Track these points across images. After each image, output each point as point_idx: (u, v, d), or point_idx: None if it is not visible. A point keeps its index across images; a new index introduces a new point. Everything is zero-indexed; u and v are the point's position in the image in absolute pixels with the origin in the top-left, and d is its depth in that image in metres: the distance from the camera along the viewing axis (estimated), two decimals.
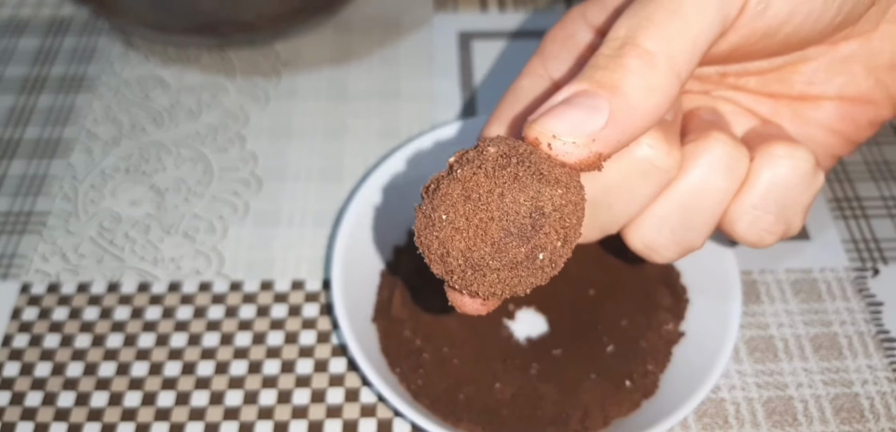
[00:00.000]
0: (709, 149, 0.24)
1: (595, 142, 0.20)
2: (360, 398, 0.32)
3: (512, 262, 0.20)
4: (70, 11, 0.50)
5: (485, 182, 0.20)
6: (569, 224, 0.21)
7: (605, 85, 0.21)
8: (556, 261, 0.21)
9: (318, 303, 0.35)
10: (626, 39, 0.21)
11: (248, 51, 0.47)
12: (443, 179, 0.21)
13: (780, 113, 0.27)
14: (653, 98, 0.21)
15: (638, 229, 0.25)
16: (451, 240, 0.20)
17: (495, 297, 0.21)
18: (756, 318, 0.35)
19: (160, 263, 0.36)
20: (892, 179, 0.40)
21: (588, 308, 0.34)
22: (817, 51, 0.25)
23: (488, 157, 0.21)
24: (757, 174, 0.25)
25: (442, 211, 0.21)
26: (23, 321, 0.34)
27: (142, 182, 0.40)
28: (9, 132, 0.43)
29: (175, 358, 0.33)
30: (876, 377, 0.33)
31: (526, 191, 0.20)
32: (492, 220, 0.20)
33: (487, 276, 0.21)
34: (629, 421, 0.30)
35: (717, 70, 0.27)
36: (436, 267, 0.21)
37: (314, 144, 0.42)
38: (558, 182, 0.20)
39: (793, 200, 0.25)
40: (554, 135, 0.20)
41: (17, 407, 0.32)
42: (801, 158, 0.24)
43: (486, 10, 0.50)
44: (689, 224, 0.25)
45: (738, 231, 0.25)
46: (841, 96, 0.26)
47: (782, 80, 0.26)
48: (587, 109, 0.20)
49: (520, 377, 0.31)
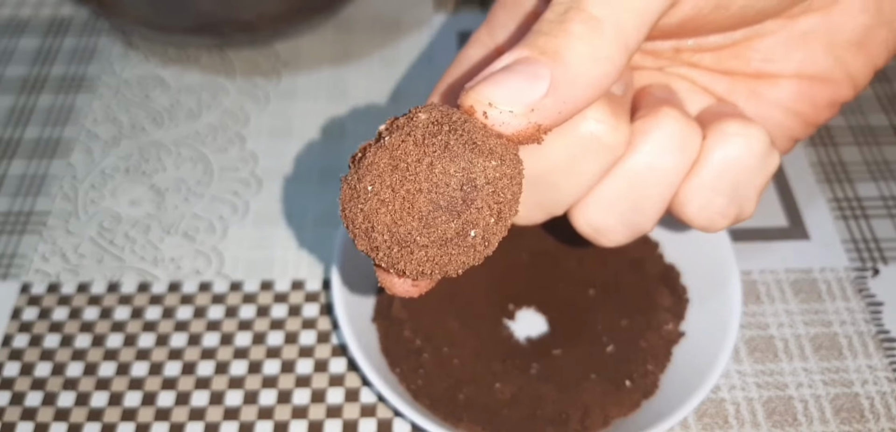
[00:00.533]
0: (658, 126, 0.23)
1: (534, 113, 0.19)
2: (360, 398, 0.32)
3: (441, 239, 0.19)
4: (70, 11, 0.50)
5: (413, 150, 0.19)
6: (503, 199, 0.19)
7: (547, 51, 0.19)
8: (489, 238, 0.20)
9: (318, 303, 0.35)
10: (571, 3, 0.20)
11: (248, 51, 0.47)
12: (370, 147, 0.20)
13: (737, 91, 0.26)
14: (597, 67, 0.20)
15: (585, 210, 0.24)
16: (375, 213, 0.19)
17: (425, 277, 0.20)
18: (756, 318, 0.35)
19: (160, 263, 0.36)
20: (892, 179, 0.40)
21: (588, 308, 0.34)
22: (775, 25, 0.24)
23: (418, 124, 0.19)
24: (709, 153, 0.24)
25: (368, 181, 0.19)
26: (23, 321, 0.34)
27: (142, 182, 0.40)
28: (9, 132, 0.43)
29: (175, 358, 0.33)
30: (876, 377, 0.33)
31: (456, 162, 0.18)
32: (419, 192, 0.19)
33: (415, 254, 0.19)
34: (629, 421, 0.30)
35: (671, 45, 0.26)
36: (361, 242, 0.20)
37: (314, 144, 0.42)
38: (492, 153, 0.19)
39: (746, 181, 0.24)
40: (490, 102, 0.19)
41: (17, 407, 0.32)
42: (754, 137, 0.23)
43: (486, 11, 0.50)
44: (637, 205, 0.24)
45: (689, 213, 0.24)
46: (799, 74, 0.25)
47: (738, 56, 0.25)
48: (527, 77, 0.19)
49: (520, 377, 0.31)
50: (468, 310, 0.34)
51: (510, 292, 0.34)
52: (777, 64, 0.25)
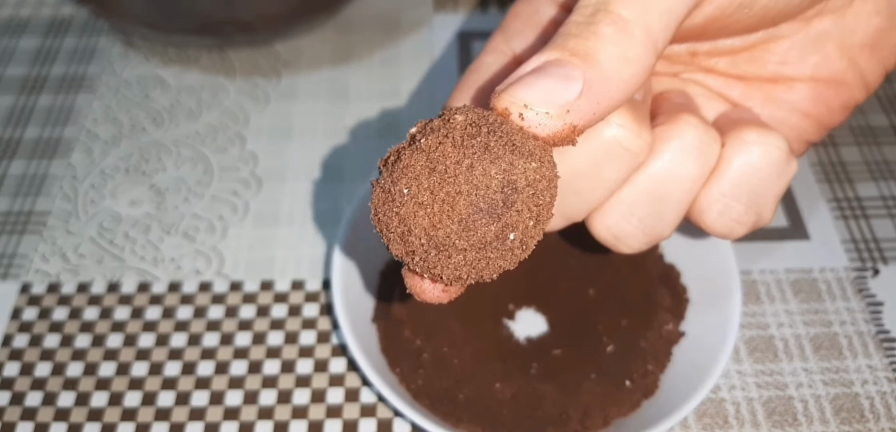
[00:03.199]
0: (679, 133, 0.23)
1: (569, 114, 0.19)
2: (360, 398, 0.32)
3: (480, 242, 0.19)
4: (70, 11, 0.50)
5: (452, 152, 0.18)
6: (542, 202, 0.19)
7: (579, 53, 0.19)
8: (527, 242, 0.19)
9: (318, 303, 0.35)
10: (599, 6, 0.20)
11: (248, 51, 0.47)
12: (404, 150, 0.19)
13: (752, 96, 0.26)
14: (629, 68, 0.20)
15: (604, 216, 0.24)
16: (413, 216, 0.19)
17: (459, 282, 0.19)
18: (756, 318, 0.35)
19: (160, 263, 0.36)
20: (892, 179, 0.40)
21: (588, 308, 0.34)
22: (790, 28, 0.25)
23: (456, 126, 0.19)
24: (728, 161, 0.24)
25: (403, 184, 0.19)
26: (23, 321, 0.34)
27: (142, 182, 0.40)
28: (9, 132, 0.43)
29: (175, 358, 0.33)
30: (876, 377, 0.33)
31: (497, 164, 0.18)
32: (459, 195, 0.18)
33: (453, 258, 0.19)
34: (629, 421, 0.30)
35: (688, 48, 0.26)
36: (395, 247, 0.19)
37: (314, 144, 0.42)
38: (532, 155, 0.19)
39: (764, 189, 0.24)
40: (525, 104, 0.19)
41: (17, 407, 0.32)
42: (773, 145, 0.23)
43: (486, 11, 0.50)
44: (657, 211, 0.24)
45: (707, 220, 0.24)
46: (814, 77, 0.25)
47: (754, 59, 0.25)
48: (560, 78, 0.19)
49: (520, 377, 0.31)
50: (468, 310, 0.34)
51: (510, 292, 0.34)
52: (792, 67, 0.25)
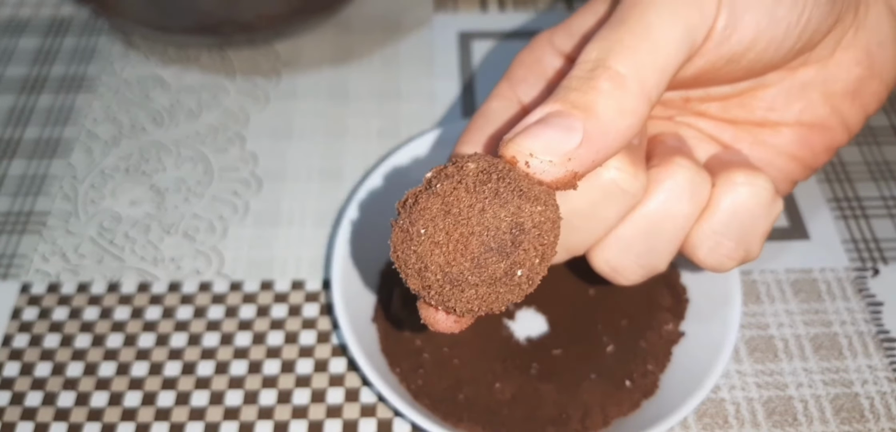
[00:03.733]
0: (672, 175, 0.25)
1: (571, 162, 0.21)
2: (360, 398, 0.32)
3: (491, 278, 0.20)
4: (70, 11, 0.50)
5: (465, 196, 0.20)
6: (546, 241, 0.21)
7: (579, 106, 0.21)
8: (532, 278, 0.21)
9: (318, 303, 0.35)
10: (598, 62, 0.22)
11: (248, 51, 0.47)
12: (421, 194, 0.21)
13: (741, 139, 0.28)
14: (625, 119, 0.21)
15: (603, 251, 0.26)
16: (429, 254, 0.20)
17: (471, 314, 0.21)
18: (756, 318, 0.35)
19: (160, 263, 0.36)
20: (892, 179, 0.40)
21: (588, 308, 0.34)
22: (777, 77, 0.26)
23: (469, 173, 0.21)
24: (718, 200, 0.25)
25: (421, 225, 0.20)
26: (23, 321, 0.34)
27: (142, 182, 0.40)
28: (9, 132, 0.43)
29: (175, 358, 0.33)
30: (876, 377, 0.33)
31: (506, 207, 0.20)
32: (472, 235, 0.20)
33: (465, 292, 0.21)
34: (629, 421, 0.30)
35: (681, 95, 0.27)
36: (412, 282, 0.21)
37: (314, 144, 0.42)
38: (537, 199, 0.20)
39: (752, 226, 0.26)
40: (531, 153, 0.21)
41: (17, 407, 0.32)
42: (760, 186, 0.25)
43: (486, 10, 0.50)
44: (652, 247, 0.26)
45: (700, 256, 0.26)
46: (799, 122, 0.27)
47: (743, 105, 0.27)
48: (562, 129, 0.21)
49: (520, 377, 0.31)
50: None
51: None
52: (779, 112, 0.27)
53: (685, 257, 0.27)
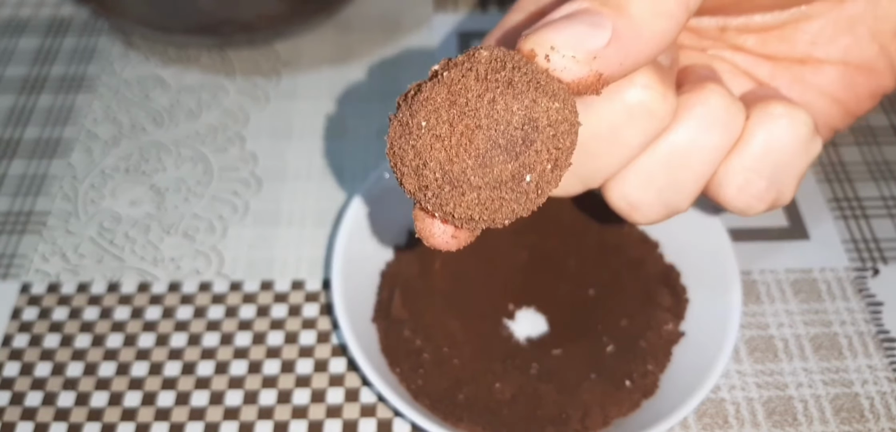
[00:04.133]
0: (704, 101, 0.23)
1: (596, 61, 0.19)
2: (360, 398, 0.32)
3: (496, 180, 0.18)
4: (70, 11, 0.50)
5: (475, 85, 0.18)
6: (561, 145, 0.19)
7: (610, 3, 0.19)
8: (542, 187, 0.19)
9: (318, 303, 0.35)
10: None
11: (248, 51, 0.47)
12: (425, 84, 0.19)
13: (779, 77, 0.26)
14: (659, 22, 0.19)
15: (621, 184, 0.24)
16: (429, 149, 0.18)
17: (471, 223, 0.19)
18: (756, 318, 0.35)
19: (160, 263, 0.36)
20: (892, 179, 0.40)
21: (588, 308, 0.34)
22: (822, 7, 0.24)
23: (480, 60, 0.18)
24: (752, 134, 0.23)
25: (422, 116, 0.18)
26: (23, 321, 0.34)
27: (142, 182, 0.40)
28: (9, 132, 0.43)
29: (175, 358, 0.33)
30: (876, 377, 0.33)
31: (520, 100, 0.18)
32: (479, 128, 0.18)
33: (466, 195, 0.19)
34: (629, 421, 0.30)
35: (718, 23, 0.25)
36: (408, 181, 0.19)
37: (314, 144, 0.42)
38: (555, 95, 0.18)
39: (787, 165, 0.24)
40: (552, 46, 0.19)
41: (17, 407, 0.32)
42: (799, 120, 0.23)
43: (486, 11, 0.50)
44: (676, 181, 0.23)
45: (727, 195, 0.24)
46: (844, 61, 0.25)
47: (784, 38, 0.25)
48: (589, 25, 0.19)
49: (520, 377, 0.31)
50: (468, 310, 0.34)
51: (510, 292, 0.34)
52: (823, 49, 0.25)
53: (709, 197, 0.24)
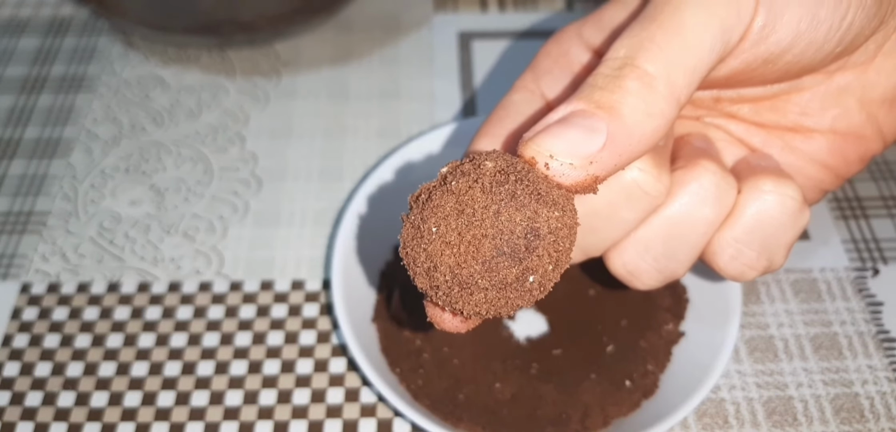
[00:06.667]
0: (697, 178, 0.24)
1: (592, 165, 0.20)
2: (360, 398, 0.32)
3: (501, 283, 0.20)
4: (70, 11, 0.50)
5: (481, 197, 0.19)
6: (562, 248, 0.20)
7: (604, 106, 0.20)
8: (545, 285, 0.20)
9: (318, 303, 0.35)
10: (626, 60, 0.21)
11: (248, 51, 0.47)
12: (435, 190, 0.20)
13: (772, 144, 0.27)
14: (651, 122, 0.20)
15: (621, 254, 0.25)
16: (440, 254, 0.20)
17: (479, 317, 0.21)
18: (756, 318, 0.35)
19: (160, 263, 0.36)
20: (892, 179, 0.40)
21: (588, 308, 0.34)
22: (813, 80, 0.25)
23: (486, 172, 0.20)
24: (743, 207, 0.24)
25: (433, 222, 0.20)
26: (23, 321, 0.34)
27: (142, 182, 0.40)
28: (9, 132, 0.43)
29: (175, 358, 0.33)
30: (876, 377, 0.33)
31: (523, 211, 0.19)
32: (485, 237, 0.19)
33: (474, 295, 0.20)
34: (629, 421, 0.30)
35: (712, 95, 0.26)
36: (420, 281, 0.21)
37: (314, 144, 0.42)
38: (555, 204, 0.20)
39: (777, 236, 0.25)
40: (551, 154, 0.20)
41: (17, 407, 0.32)
42: (788, 195, 0.24)
43: (486, 10, 0.50)
44: (672, 252, 0.25)
45: (720, 263, 0.25)
46: (833, 129, 0.26)
47: (776, 108, 0.26)
48: (585, 130, 0.20)
49: (520, 377, 0.31)
50: None
51: None
52: (812, 118, 0.26)
53: (705, 264, 0.26)
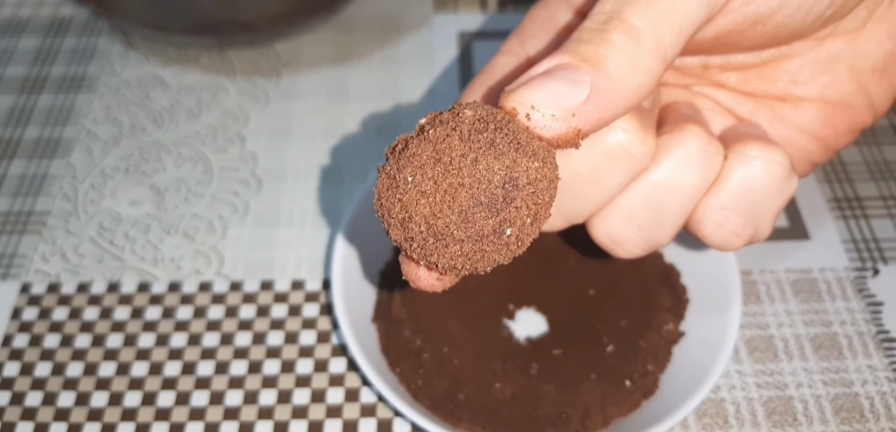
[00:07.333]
0: (683, 142, 0.23)
1: (575, 117, 0.19)
2: (360, 398, 0.32)
3: (477, 235, 0.19)
4: (70, 11, 0.50)
5: (458, 145, 0.19)
6: (541, 201, 0.20)
7: (588, 59, 0.20)
8: (522, 239, 0.20)
9: (318, 303, 0.35)
10: (612, 14, 0.20)
11: (248, 51, 0.47)
12: (412, 140, 0.20)
13: (760, 114, 0.26)
14: (636, 77, 0.20)
15: (603, 220, 0.24)
16: (415, 203, 0.19)
17: (454, 272, 0.20)
18: (756, 318, 0.35)
19: (160, 263, 0.36)
20: (892, 179, 0.40)
21: (588, 308, 0.34)
22: (802, 47, 0.25)
23: (464, 120, 0.19)
24: (729, 173, 0.24)
25: (408, 172, 0.19)
26: (23, 321, 0.34)
27: (142, 182, 0.40)
28: (9, 132, 0.43)
29: (175, 358, 0.33)
30: (876, 377, 0.33)
31: (501, 160, 0.19)
32: (462, 186, 0.19)
33: (449, 247, 0.19)
34: (629, 421, 0.30)
35: (700, 61, 0.26)
36: (395, 232, 0.20)
37: (314, 144, 0.42)
38: (535, 155, 0.19)
39: (763, 203, 0.24)
40: (533, 105, 0.19)
41: (17, 407, 0.32)
42: (775, 161, 0.24)
43: (486, 10, 0.50)
44: (656, 219, 0.24)
45: (705, 231, 0.25)
46: (823, 98, 0.25)
47: (765, 77, 0.26)
48: (568, 82, 0.20)
49: (520, 377, 0.31)
50: (468, 310, 0.34)
51: (510, 292, 0.34)
52: (802, 87, 0.25)
53: (690, 232, 0.25)
